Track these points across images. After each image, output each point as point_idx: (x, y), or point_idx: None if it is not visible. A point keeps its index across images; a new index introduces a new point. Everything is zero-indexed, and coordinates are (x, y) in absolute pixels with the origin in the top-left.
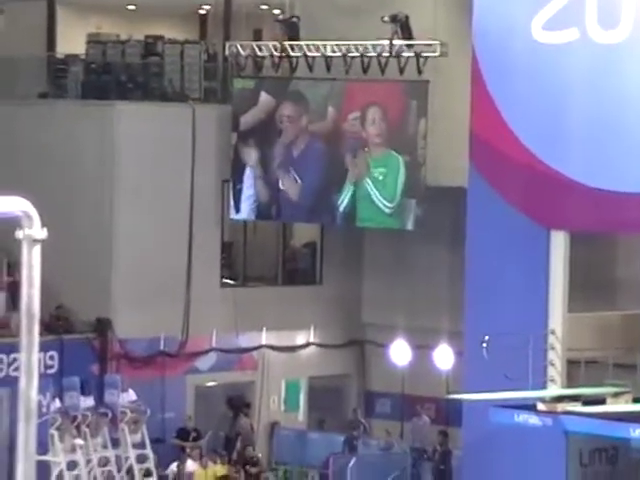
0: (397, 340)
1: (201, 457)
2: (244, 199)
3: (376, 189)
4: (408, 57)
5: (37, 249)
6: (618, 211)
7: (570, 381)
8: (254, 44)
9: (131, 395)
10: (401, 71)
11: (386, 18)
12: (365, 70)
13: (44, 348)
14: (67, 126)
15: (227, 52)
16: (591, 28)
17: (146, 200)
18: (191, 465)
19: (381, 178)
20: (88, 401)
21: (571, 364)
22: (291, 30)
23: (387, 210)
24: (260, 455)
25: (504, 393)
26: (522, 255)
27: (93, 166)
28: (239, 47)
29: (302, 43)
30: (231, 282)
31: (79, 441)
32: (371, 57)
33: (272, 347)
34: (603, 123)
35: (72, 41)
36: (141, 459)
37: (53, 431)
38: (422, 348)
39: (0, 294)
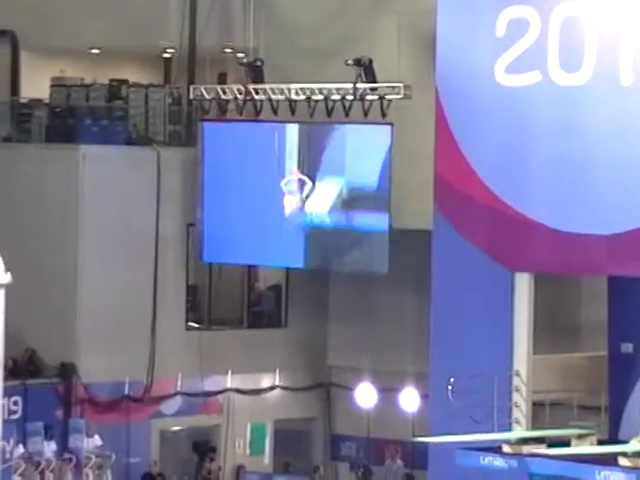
0: (363, 383)
1: None
2: None
3: None
4: (372, 100)
5: (1, 294)
6: (581, 253)
7: (535, 423)
8: (218, 87)
9: (96, 440)
10: (365, 114)
11: (350, 61)
12: (329, 113)
13: (8, 393)
14: (32, 170)
15: (191, 95)
16: (553, 71)
17: (111, 243)
18: None
19: None
20: (52, 446)
21: (536, 406)
22: (255, 73)
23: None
24: None
25: (470, 436)
26: (487, 297)
27: (58, 210)
28: (203, 90)
29: (266, 86)
30: (196, 325)
31: None
32: (335, 100)
33: (237, 390)
34: (565, 165)
35: (36, 85)
36: None
37: (17, 477)
38: (388, 391)
39: None
